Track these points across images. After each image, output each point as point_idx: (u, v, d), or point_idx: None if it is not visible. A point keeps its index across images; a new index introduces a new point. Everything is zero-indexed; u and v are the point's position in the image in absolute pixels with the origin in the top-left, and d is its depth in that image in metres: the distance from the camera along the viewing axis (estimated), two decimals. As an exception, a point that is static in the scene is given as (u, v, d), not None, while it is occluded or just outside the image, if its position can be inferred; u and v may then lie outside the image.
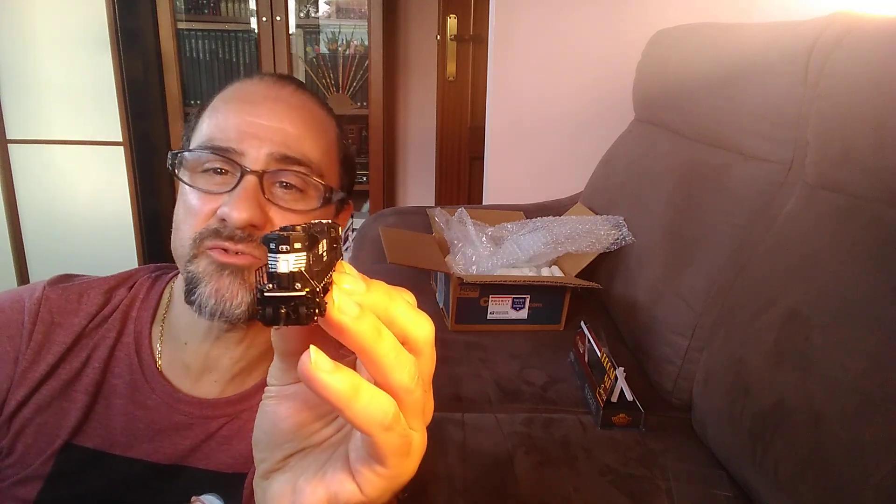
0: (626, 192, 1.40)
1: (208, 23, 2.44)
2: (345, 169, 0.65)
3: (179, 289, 0.62)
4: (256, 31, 2.43)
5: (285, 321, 0.24)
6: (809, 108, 0.92)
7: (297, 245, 0.23)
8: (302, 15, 2.53)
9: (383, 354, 0.26)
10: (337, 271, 0.27)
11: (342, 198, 0.64)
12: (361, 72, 2.56)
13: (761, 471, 0.75)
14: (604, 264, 1.33)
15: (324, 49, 2.57)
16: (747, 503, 0.81)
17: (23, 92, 2.20)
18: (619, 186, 1.46)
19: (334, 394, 0.25)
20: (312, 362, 0.25)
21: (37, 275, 2.39)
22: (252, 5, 2.42)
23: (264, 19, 2.39)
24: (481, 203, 2.03)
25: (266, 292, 0.23)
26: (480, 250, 1.31)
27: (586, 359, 1.07)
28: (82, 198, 2.33)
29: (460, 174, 2.79)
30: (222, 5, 2.46)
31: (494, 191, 1.95)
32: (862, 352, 0.67)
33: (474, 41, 2.61)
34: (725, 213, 1.05)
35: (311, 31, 2.56)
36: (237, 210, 0.54)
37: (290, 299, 0.23)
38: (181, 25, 2.39)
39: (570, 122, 1.86)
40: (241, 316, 0.57)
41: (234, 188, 0.56)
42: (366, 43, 2.47)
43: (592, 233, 1.30)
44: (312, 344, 0.25)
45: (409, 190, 2.96)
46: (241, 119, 0.57)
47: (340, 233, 0.28)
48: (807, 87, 0.94)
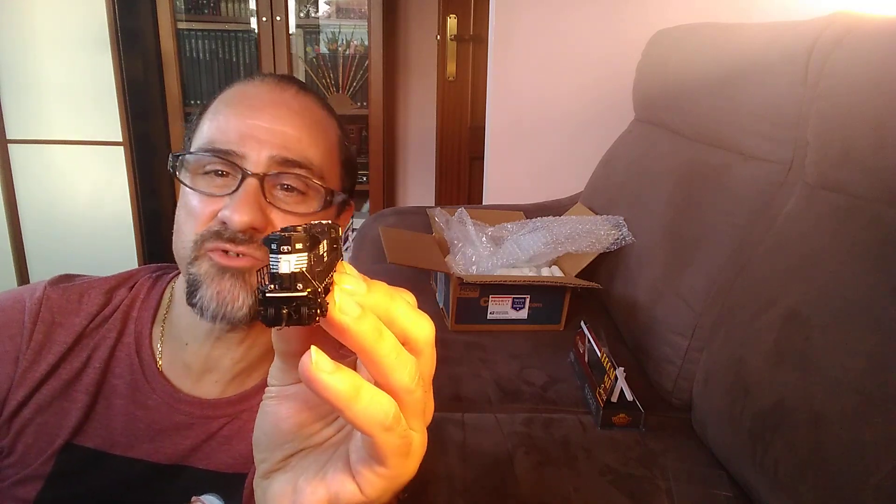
0: (626, 192, 1.40)
1: (208, 23, 2.44)
2: (346, 170, 0.65)
3: (180, 289, 0.62)
4: (256, 31, 2.43)
5: (287, 321, 0.24)
6: (809, 108, 0.92)
7: (298, 246, 0.23)
8: (302, 15, 2.53)
9: (384, 355, 0.26)
10: (338, 272, 0.27)
11: (343, 199, 0.64)
12: (361, 72, 2.56)
13: (761, 471, 0.75)
14: (604, 264, 1.33)
15: (324, 49, 2.57)
16: (747, 503, 0.81)
17: (23, 92, 2.20)
18: (619, 186, 1.46)
19: (335, 394, 0.25)
20: (313, 363, 0.25)
21: (37, 275, 2.39)
22: (252, 5, 2.42)
23: (264, 19, 2.39)
24: (481, 203, 2.03)
25: (268, 293, 0.24)
26: (480, 250, 1.32)
27: (586, 359, 1.07)
28: (82, 198, 2.33)
29: (460, 174, 2.79)
30: (222, 5, 2.46)
31: (494, 191, 1.95)
32: (862, 352, 0.67)
33: (474, 41, 2.61)
34: (725, 213, 1.05)
35: (311, 31, 2.56)
36: (238, 213, 0.54)
37: (292, 300, 0.23)
38: (181, 25, 2.39)
39: (570, 122, 1.86)
40: (242, 318, 0.57)
41: (235, 191, 0.56)
42: (366, 43, 2.47)
43: (592, 233, 1.30)
44: (313, 344, 0.25)
45: (409, 190, 2.96)
46: (243, 121, 0.57)
47: (340, 233, 0.28)
48: (807, 87, 0.94)
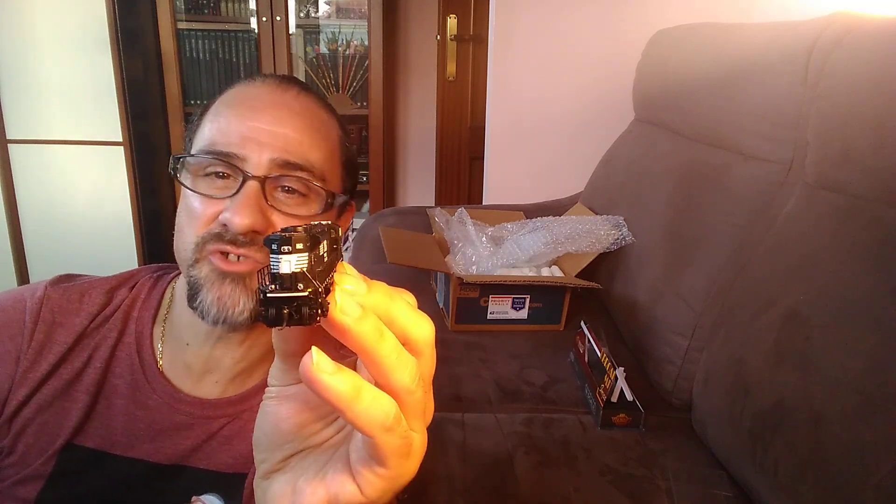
0: (626, 192, 1.40)
1: (208, 23, 2.44)
2: (347, 171, 0.65)
3: (181, 289, 0.62)
4: (256, 31, 2.42)
5: (288, 322, 0.24)
6: (809, 108, 0.92)
7: (298, 246, 0.23)
8: (302, 15, 2.53)
9: (385, 355, 0.26)
10: (338, 272, 0.27)
11: (344, 200, 0.64)
12: (361, 72, 2.56)
13: (761, 471, 0.75)
14: (604, 264, 1.33)
15: (324, 49, 2.57)
16: (747, 503, 0.81)
17: (23, 92, 2.20)
18: (619, 186, 1.46)
19: (336, 395, 0.25)
20: (314, 364, 0.25)
21: (37, 275, 2.39)
22: (252, 5, 2.42)
23: (264, 19, 2.39)
24: (481, 203, 2.03)
25: (269, 293, 0.23)
26: (480, 250, 1.32)
27: (586, 359, 1.07)
28: (82, 198, 2.33)
29: (460, 174, 2.79)
30: (222, 5, 2.46)
31: (494, 191, 1.95)
32: (862, 352, 0.67)
33: (474, 41, 2.61)
34: (725, 213, 1.05)
35: (311, 31, 2.56)
36: (239, 216, 0.54)
37: (293, 300, 0.23)
38: (181, 25, 2.39)
39: (570, 122, 1.86)
40: (243, 323, 0.58)
41: (235, 193, 0.56)
42: (366, 43, 2.47)
43: (592, 233, 1.30)
44: (313, 345, 0.25)
45: (409, 190, 2.96)
46: (244, 124, 0.57)
47: (340, 234, 0.28)
48: (807, 87, 0.94)
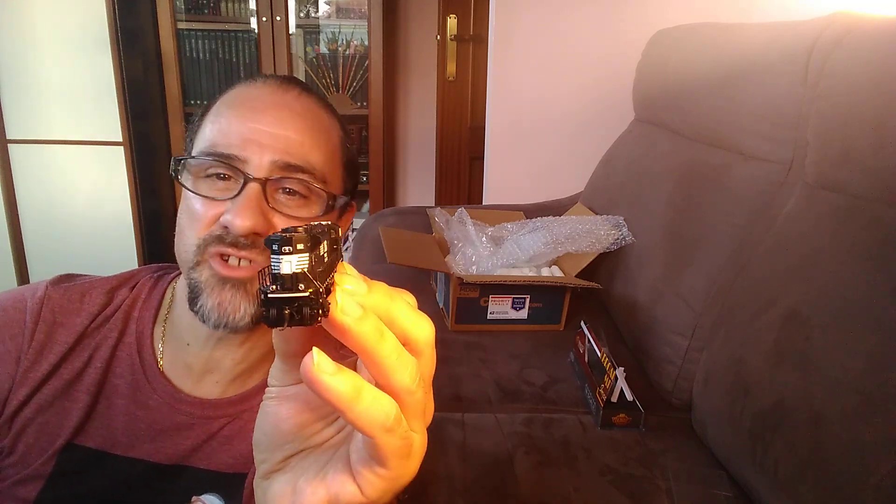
0: (626, 192, 1.40)
1: (208, 23, 2.44)
2: (348, 172, 0.65)
3: (181, 290, 0.62)
4: (256, 31, 2.42)
5: (289, 322, 0.24)
6: (809, 108, 0.92)
7: (299, 246, 0.23)
8: (302, 15, 2.53)
9: (385, 355, 0.26)
10: (338, 272, 0.27)
11: (345, 201, 0.64)
12: (361, 72, 2.55)
13: (761, 471, 0.75)
14: (604, 264, 1.33)
15: (324, 49, 2.57)
16: (747, 503, 0.81)
17: (23, 92, 2.20)
18: (619, 186, 1.46)
19: (336, 395, 0.25)
20: (315, 364, 0.25)
21: (37, 275, 2.39)
22: (252, 5, 2.42)
23: (264, 19, 2.39)
24: (481, 203, 2.03)
25: (270, 293, 0.24)
26: (480, 250, 1.32)
27: (586, 359, 1.07)
28: (82, 198, 2.33)
29: (460, 174, 2.79)
30: (222, 5, 2.46)
31: (494, 191, 1.95)
32: (862, 352, 0.67)
33: (474, 41, 2.61)
34: (725, 213, 1.05)
35: (311, 31, 2.56)
36: (240, 218, 0.54)
37: (294, 300, 0.23)
38: (181, 25, 2.39)
39: (570, 122, 1.86)
40: (244, 327, 0.58)
41: (236, 195, 0.56)
42: (366, 43, 2.47)
43: (592, 233, 1.30)
44: (314, 345, 0.25)
45: (409, 190, 2.96)
46: (245, 125, 0.57)
47: (340, 234, 0.28)
48: (807, 87, 0.94)
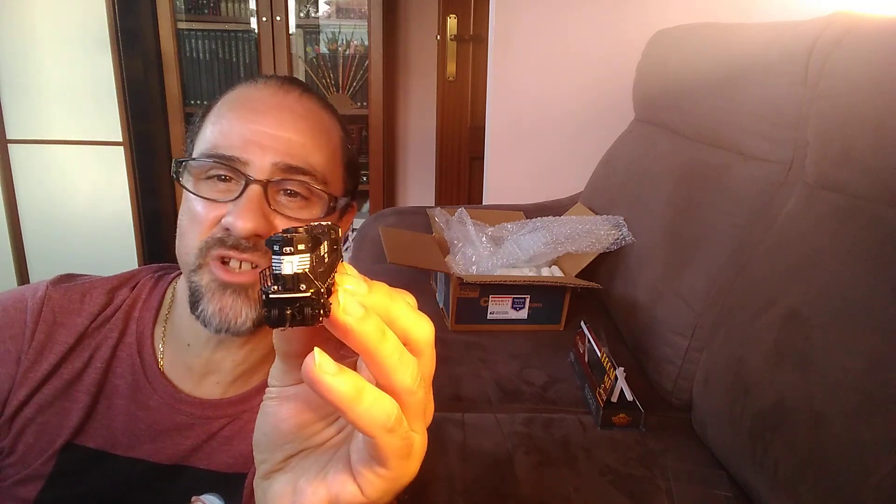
0: (626, 192, 1.40)
1: (208, 23, 2.44)
2: (348, 173, 0.65)
3: (182, 290, 0.62)
4: (256, 31, 2.42)
5: (291, 322, 0.24)
6: (809, 108, 0.92)
7: (300, 247, 0.24)
8: (302, 15, 2.53)
9: (387, 356, 0.26)
10: (339, 273, 0.27)
11: (346, 202, 0.64)
12: (361, 72, 2.55)
13: (761, 471, 0.75)
14: (604, 264, 1.33)
15: (324, 49, 2.57)
16: (747, 503, 0.81)
17: (23, 92, 2.20)
18: (619, 186, 1.46)
19: (338, 396, 0.25)
20: (317, 364, 0.25)
21: (37, 275, 2.39)
22: (252, 5, 2.42)
23: (264, 19, 2.39)
24: (481, 203, 2.03)
25: (271, 294, 0.24)
26: (480, 250, 1.32)
27: (586, 359, 1.07)
28: (82, 198, 2.33)
29: (460, 174, 2.79)
30: (222, 5, 2.46)
31: (494, 191, 1.95)
32: (862, 352, 0.67)
33: (474, 41, 2.61)
34: (725, 213, 1.05)
35: (311, 31, 2.56)
36: (242, 220, 0.54)
37: (296, 300, 0.23)
38: (181, 25, 2.39)
39: (570, 122, 1.86)
40: (246, 332, 0.58)
41: (238, 197, 0.56)
42: (366, 43, 2.47)
43: (592, 233, 1.30)
44: (315, 346, 0.25)
45: (409, 190, 2.96)
46: (246, 127, 0.57)
47: (340, 235, 0.29)
48: (807, 87, 0.94)
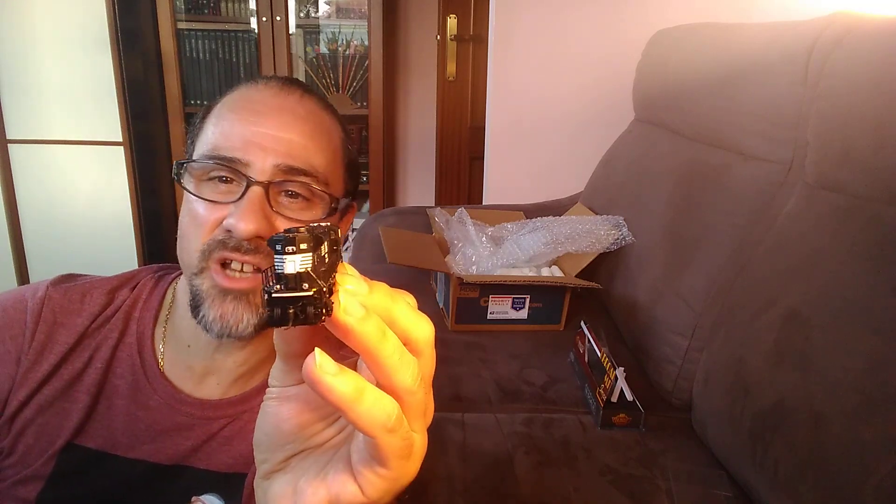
0: (626, 192, 1.40)
1: (208, 23, 2.44)
2: (349, 173, 0.65)
3: (183, 291, 0.62)
4: (256, 31, 2.43)
5: (294, 321, 0.24)
6: (809, 108, 0.92)
7: (302, 246, 0.24)
8: (302, 15, 2.53)
9: (387, 356, 0.26)
10: (340, 273, 0.27)
11: (347, 203, 0.64)
12: (361, 72, 2.56)
13: (761, 471, 0.75)
14: (604, 264, 1.33)
15: (324, 49, 2.57)
16: (747, 503, 0.81)
17: (23, 92, 2.20)
18: (619, 186, 1.46)
19: (338, 396, 0.25)
20: (317, 365, 0.25)
21: (37, 275, 2.39)
22: (252, 5, 2.42)
23: (264, 19, 2.39)
24: (481, 203, 2.03)
25: (274, 293, 0.24)
26: (480, 250, 1.32)
27: (586, 359, 1.07)
28: (82, 198, 2.33)
29: (460, 174, 2.79)
30: (222, 5, 2.46)
31: (494, 191, 1.95)
32: (862, 352, 0.67)
33: (474, 41, 2.61)
34: (725, 213, 1.05)
35: (311, 31, 2.56)
36: (243, 221, 0.54)
37: (298, 299, 0.24)
38: (181, 25, 2.39)
39: (570, 122, 1.86)
40: (248, 336, 0.58)
41: (239, 198, 0.56)
42: (366, 43, 2.47)
43: (592, 233, 1.30)
44: (315, 346, 0.25)
45: (409, 190, 2.96)
46: (247, 128, 0.57)
47: (340, 235, 0.29)
48: (807, 87, 0.94)
